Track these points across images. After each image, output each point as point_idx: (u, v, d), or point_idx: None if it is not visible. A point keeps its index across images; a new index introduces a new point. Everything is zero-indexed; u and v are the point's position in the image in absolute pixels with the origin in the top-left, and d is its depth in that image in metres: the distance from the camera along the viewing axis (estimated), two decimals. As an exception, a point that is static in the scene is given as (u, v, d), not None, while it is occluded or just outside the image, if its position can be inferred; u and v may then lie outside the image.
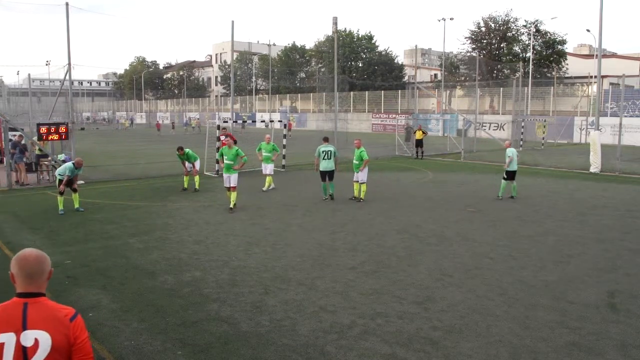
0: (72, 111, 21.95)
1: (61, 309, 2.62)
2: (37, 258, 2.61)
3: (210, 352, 5.56)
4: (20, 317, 2.51)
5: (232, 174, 13.13)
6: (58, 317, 2.56)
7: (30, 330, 2.50)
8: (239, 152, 13.34)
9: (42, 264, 2.61)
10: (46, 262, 2.64)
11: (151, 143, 39.63)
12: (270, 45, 75.04)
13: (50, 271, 2.67)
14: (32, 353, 2.49)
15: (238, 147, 13.07)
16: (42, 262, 2.62)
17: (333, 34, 29.18)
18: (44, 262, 2.63)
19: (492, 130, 40.03)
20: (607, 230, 11.07)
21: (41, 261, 2.61)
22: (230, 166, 13.15)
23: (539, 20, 56.11)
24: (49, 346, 2.50)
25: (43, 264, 2.62)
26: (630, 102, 38.66)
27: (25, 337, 2.49)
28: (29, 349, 2.48)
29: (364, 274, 8.13)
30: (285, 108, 71.57)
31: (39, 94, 63.20)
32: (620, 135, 22.57)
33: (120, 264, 8.62)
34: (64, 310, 2.61)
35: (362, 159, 14.21)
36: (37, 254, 2.63)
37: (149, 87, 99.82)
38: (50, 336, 2.51)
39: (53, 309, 2.59)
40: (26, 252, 2.64)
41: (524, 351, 5.57)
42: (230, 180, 13.14)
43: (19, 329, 2.49)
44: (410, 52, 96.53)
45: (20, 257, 2.60)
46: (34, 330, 2.50)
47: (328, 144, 14.90)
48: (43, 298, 2.60)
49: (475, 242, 10.09)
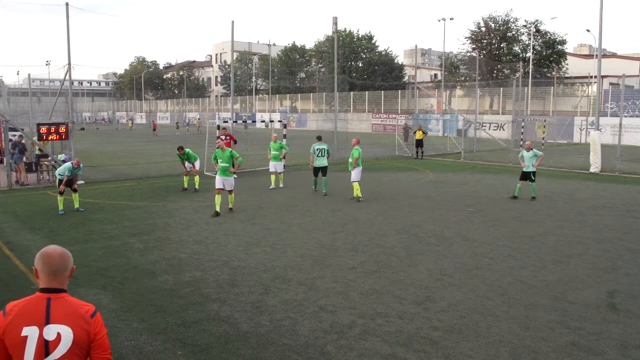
0: (72, 111, 21.93)
1: (83, 305, 2.71)
2: (61, 255, 2.70)
3: (210, 352, 5.56)
4: (43, 311, 2.60)
5: (229, 177, 12.67)
6: (80, 313, 2.65)
7: (53, 325, 2.58)
8: (233, 154, 12.80)
9: (65, 261, 2.71)
10: (69, 260, 2.74)
11: (151, 143, 39.62)
12: (270, 45, 75.07)
13: (73, 268, 2.76)
14: (54, 346, 2.57)
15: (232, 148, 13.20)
16: (66, 260, 2.72)
17: (333, 34, 29.19)
18: (67, 259, 2.73)
19: (492, 130, 40.02)
20: (607, 230, 11.07)
21: (64, 258, 2.72)
22: (225, 169, 12.61)
23: (539, 20, 56.15)
24: (70, 340, 2.59)
25: (66, 261, 2.72)
26: (630, 102, 38.66)
27: (48, 331, 2.57)
28: (51, 343, 2.57)
29: (364, 274, 8.13)
30: (285, 108, 71.58)
31: (39, 94, 63.14)
32: (620, 135, 22.55)
33: (120, 264, 8.62)
34: (85, 307, 2.71)
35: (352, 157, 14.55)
36: (61, 252, 2.72)
37: (149, 87, 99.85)
38: (72, 331, 2.60)
39: (75, 304, 2.68)
40: (50, 249, 2.72)
41: (524, 351, 5.57)
42: (226, 184, 12.64)
43: (42, 323, 2.58)
44: (410, 52, 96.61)
45: (45, 253, 2.69)
46: (56, 324, 2.59)
47: (322, 142, 16.00)
48: (65, 294, 2.69)
49: (475, 242, 10.09)
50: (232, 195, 12.95)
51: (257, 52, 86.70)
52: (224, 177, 12.64)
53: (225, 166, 12.65)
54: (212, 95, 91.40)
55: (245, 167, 21.36)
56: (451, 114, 42.42)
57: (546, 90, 49.06)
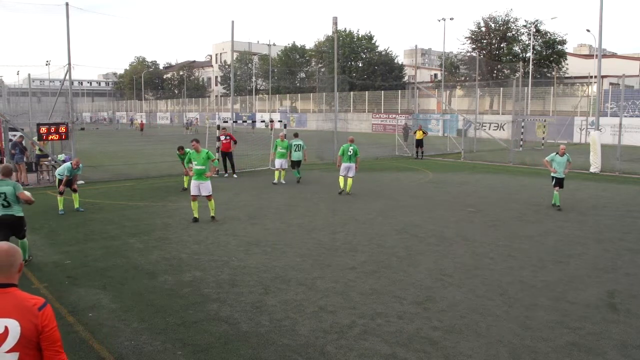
0: (72, 111, 21.92)
1: (30, 298, 2.74)
2: (6, 252, 2.75)
3: (210, 352, 5.56)
4: None
5: (204, 181, 11.60)
6: (27, 306, 2.69)
7: (0, 319, 2.63)
8: (210, 155, 11.71)
9: (11, 257, 2.76)
10: (16, 255, 2.78)
11: (151, 143, 39.62)
12: (270, 45, 75.07)
13: (21, 264, 2.81)
14: (2, 340, 2.62)
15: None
16: (12, 255, 2.76)
17: (333, 34, 29.18)
18: (12, 255, 2.76)
19: (492, 130, 40.02)
20: (607, 230, 11.07)
21: (11, 254, 2.76)
22: (201, 172, 11.57)
23: (539, 20, 56.14)
24: (18, 333, 2.63)
25: (13, 256, 2.76)
26: (630, 102, 38.66)
27: None
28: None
29: (364, 274, 8.13)
30: (285, 108, 71.58)
31: (39, 94, 63.16)
32: (620, 135, 22.56)
33: (120, 264, 8.62)
34: (33, 300, 2.74)
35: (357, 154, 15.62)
36: (7, 248, 2.77)
37: (149, 87, 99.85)
38: (19, 324, 2.64)
39: (22, 298, 2.73)
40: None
41: (524, 351, 5.57)
42: (202, 189, 11.61)
43: None
44: (410, 52, 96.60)
45: None
46: (3, 318, 2.63)
47: (298, 139, 18.29)
48: (13, 288, 2.74)
49: (475, 242, 10.09)
50: (211, 201, 11.83)
51: (257, 52, 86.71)
52: (199, 181, 11.59)
53: (201, 169, 11.57)
54: (212, 95, 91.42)
55: (245, 167, 21.38)
56: (451, 114, 42.42)
57: (546, 90, 49.05)
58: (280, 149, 17.83)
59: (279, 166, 17.87)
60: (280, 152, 17.79)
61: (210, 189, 11.76)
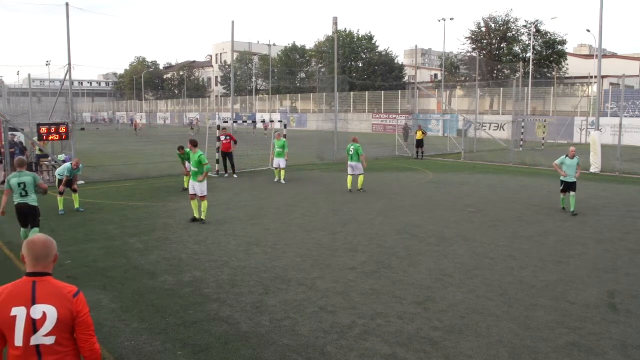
0: (72, 111, 21.93)
1: (65, 286, 2.99)
2: (43, 243, 2.97)
3: (210, 352, 5.56)
4: (29, 293, 2.88)
5: (197, 182, 11.69)
6: (63, 293, 2.93)
7: (39, 305, 2.86)
8: (202, 159, 11.65)
9: (47, 248, 2.97)
10: (51, 247, 3.00)
11: (150, 143, 39.61)
12: (270, 45, 75.06)
13: (56, 255, 3.03)
14: (40, 324, 2.85)
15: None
16: (48, 247, 2.98)
17: (333, 34, 29.18)
18: (49, 246, 2.98)
19: (492, 130, 40.01)
20: (607, 230, 11.07)
21: (47, 245, 2.98)
22: (195, 173, 11.70)
23: (539, 21, 56.11)
24: (55, 318, 2.86)
25: (48, 248, 2.98)
26: (630, 102, 38.65)
27: (35, 310, 2.85)
28: (37, 321, 2.84)
29: (364, 274, 8.13)
30: (285, 108, 71.58)
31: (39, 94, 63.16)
32: (620, 135, 22.57)
33: (120, 264, 8.62)
34: (68, 288, 2.99)
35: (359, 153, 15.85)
36: (44, 240, 2.99)
37: (149, 87, 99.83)
38: (56, 310, 2.87)
39: (58, 286, 2.96)
40: (35, 237, 3.00)
41: (524, 351, 5.57)
42: (196, 189, 11.68)
43: (29, 303, 2.86)
44: (410, 52, 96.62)
45: (29, 241, 2.97)
46: (42, 304, 2.86)
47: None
48: (49, 277, 2.96)
49: (475, 242, 10.09)
50: (204, 202, 11.75)
51: (257, 52, 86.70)
52: (194, 181, 11.71)
53: (194, 170, 11.71)
54: (212, 95, 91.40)
55: (245, 167, 21.38)
56: (451, 114, 42.41)
57: (546, 90, 49.05)
58: (277, 148, 18.20)
59: (277, 165, 18.26)
60: (277, 151, 18.16)
61: (203, 189, 11.69)
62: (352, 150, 15.77)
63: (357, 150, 15.73)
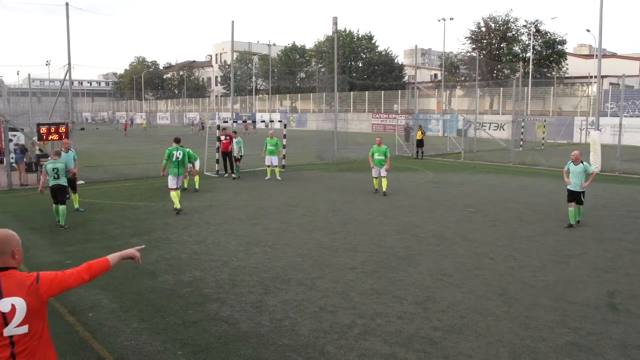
0: (72, 111, 21.93)
1: (27, 276, 3.02)
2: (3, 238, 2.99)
3: (210, 352, 5.56)
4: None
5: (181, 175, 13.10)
6: (26, 284, 2.97)
7: (6, 298, 2.90)
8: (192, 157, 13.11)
9: (5, 243, 2.98)
10: (10, 242, 3.01)
11: (150, 143, 39.61)
12: (270, 45, 75.07)
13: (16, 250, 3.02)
14: (11, 317, 2.89)
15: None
16: (6, 242, 2.99)
17: (333, 34, 29.18)
18: (8, 241, 3.00)
19: (492, 130, 40.01)
20: (607, 230, 11.07)
21: (6, 241, 2.99)
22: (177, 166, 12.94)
23: (539, 21, 56.14)
24: (24, 309, 2.92)
25: (6, 243, 2.99)
26: (630, 102, 38.65)
27: (3, 304, 2.88)
28: (7, 314, 2.89)
29: (364, 274, 8.13)
30: (285, 108, 71.58)
31: (39, 94, 63.21)
32: (620, 135, 22.56)
33: (120, 264, 8.55)
34: (29, 276, 3.02)
35: (386, 156, 15.57)
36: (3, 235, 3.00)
37: (149, 87, 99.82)
38: (24, 300, 2.92)
39: (21, 277, 2.99)
40: None
41: (524, 351, 5.57)
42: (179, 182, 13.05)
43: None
44: (410, 52, 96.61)
45: None
46: (9, 297, 2.90)
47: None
48: (13, 270, 2.99)
49: (475, 242, 10.09)
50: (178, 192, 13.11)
51: (257, 52, 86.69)
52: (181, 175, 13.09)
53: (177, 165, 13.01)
54: (212, 95, 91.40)
55: (245, 167, 21.37)
56: (451, 114, 42.41)
57: (546, 90, 49.04)
58: (269, 146, 18.70)
59: (269, 163, 18.85)
60: (270, 149, 18.66)
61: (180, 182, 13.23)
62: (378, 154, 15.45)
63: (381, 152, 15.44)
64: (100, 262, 3.39)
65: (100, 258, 3.42)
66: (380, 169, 15.38)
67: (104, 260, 3.42)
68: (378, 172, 15.46)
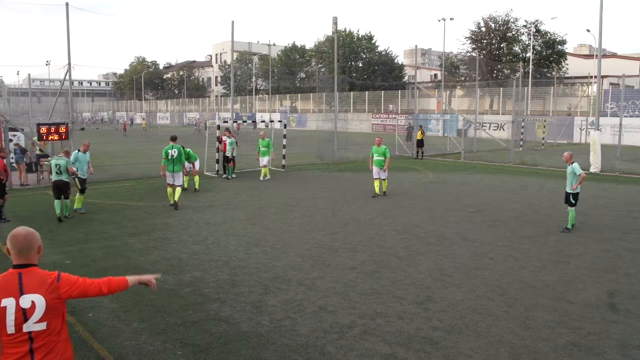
0: (72, 111, 21.91)
1: (48, 274, 3.10)
2: (25, 236, 3.07)
3: (210, 352, 5.56)
4: (17, 284, 3.01)
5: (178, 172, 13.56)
6: (47, 282, 3.06)
7: (27, 295, 3.00)
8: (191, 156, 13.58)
9: (29, 241, 3.07)
10: (33, 239, 3.09)
11: (150, 143, 39.60)
12: (270, 45, 75.08)
13: (40, 246, 3.11)
14: (30, 313, 2.99)
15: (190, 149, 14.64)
16: (30, 240, 3.08)
17: (333, 34, 29.17)
18: (31, 239, 3.08)
19: (492, 130, 40.01)
20: (607, 230, 11.06)
21: (29, 239, 3.07)
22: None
23: (539, 21, 56.17)
24: (43, 305, 3.01)
25: (30, 240, 3.08)
26: (630, 102, 38.64)
27: (24, 300, 2.99)
28: (27, 310, 2.99)
29: (364, 274, 8.13)
30: (285, 108, 71.57)
31: (39, 94, 63.23)
32: (620, 135, 22.56)
33: (120, 264, 8.62)
34: (50, 275, 3.10)
35: (386, 156, 15.38)
36: (26, 233, 3.08)
37: (149, 87, 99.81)
38: (43, 298, 3.02)
39: (42, 275, 3.08)
40: (17, 230, 3.10)
41: (524, 351, 5.57)
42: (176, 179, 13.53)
43: (17, 294, 2.99)
44: (410, 52, 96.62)
45: (12, 235, 3.08)
46: (30, 294, 3.00)
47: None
48: (34, 267, 3.08)
49: (475, 242, 10.08)
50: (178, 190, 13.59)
51: (257, 52, 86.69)
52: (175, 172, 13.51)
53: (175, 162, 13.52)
54: (212, 95, 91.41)
55: (245, 167, 21.37)
56: (451, 114, 42.41)
57: (546, 90, 49.04)
58: (262, 147, 18.94)
59: (263, 163, 19.00)
60: (263, 151, 18.88)
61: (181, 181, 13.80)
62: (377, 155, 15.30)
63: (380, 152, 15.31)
64: (120, 279, 3.49)
65: (120, 277, 3.56)
66: (380, 169, 15.29)
67: (123, 279, 3.53)
68: (378, 172, 15.35)
